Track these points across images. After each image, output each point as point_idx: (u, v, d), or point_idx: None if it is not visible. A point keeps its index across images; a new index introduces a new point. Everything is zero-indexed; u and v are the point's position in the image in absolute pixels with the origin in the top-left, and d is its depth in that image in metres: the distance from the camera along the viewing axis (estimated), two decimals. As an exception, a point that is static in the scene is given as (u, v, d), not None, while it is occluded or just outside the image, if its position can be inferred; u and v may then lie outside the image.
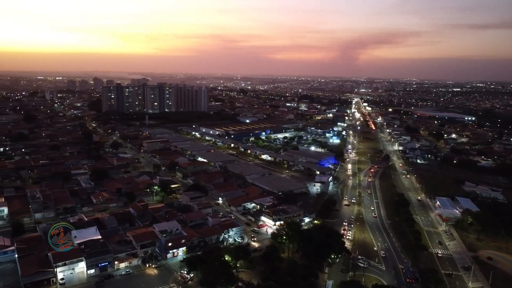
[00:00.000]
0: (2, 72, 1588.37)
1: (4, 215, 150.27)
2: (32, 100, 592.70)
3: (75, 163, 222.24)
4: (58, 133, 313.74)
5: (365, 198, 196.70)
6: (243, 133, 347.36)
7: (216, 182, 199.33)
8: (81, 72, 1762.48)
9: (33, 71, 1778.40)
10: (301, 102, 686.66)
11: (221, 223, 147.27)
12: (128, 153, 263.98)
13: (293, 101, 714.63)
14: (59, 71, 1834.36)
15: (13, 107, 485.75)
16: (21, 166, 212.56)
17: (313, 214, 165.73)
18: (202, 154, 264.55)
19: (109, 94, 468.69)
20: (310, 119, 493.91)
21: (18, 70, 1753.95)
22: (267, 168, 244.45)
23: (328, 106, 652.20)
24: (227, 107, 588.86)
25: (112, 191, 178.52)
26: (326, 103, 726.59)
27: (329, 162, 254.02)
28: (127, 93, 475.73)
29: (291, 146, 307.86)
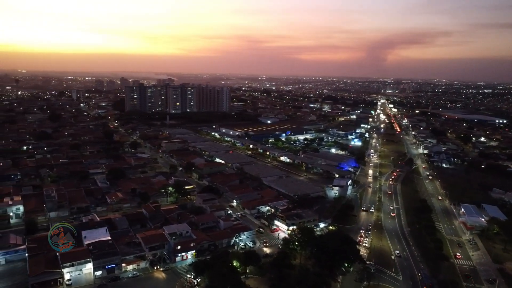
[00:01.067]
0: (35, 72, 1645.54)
1: (20, 213, 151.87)
2: (60, 99, 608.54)
3: (93, 163, 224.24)
4: (80, 132, 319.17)
5: (385, 204, 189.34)
6: (262, 134, 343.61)
7: (231, 184, 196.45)
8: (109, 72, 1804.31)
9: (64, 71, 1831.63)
10: (324, 103, 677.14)
11: (233, 227, 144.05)
12: (147, 153, 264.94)
13: (317, 102, 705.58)
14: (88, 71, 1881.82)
15: (41, 106, 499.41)
16: (41, 165, 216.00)
17: (329, 219, 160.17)
18: (220, 155, 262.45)
19: (132, 94, 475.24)
20: (333, 121, 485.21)
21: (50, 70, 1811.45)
22: (285, 170, 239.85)
23: (352, 107, 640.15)
24: (249, 108, 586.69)
25: (127, 191, 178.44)
26: (351, 104, 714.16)
27: (349, 165, 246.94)
28: (150, 93, 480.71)
29: (311, 148, 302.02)
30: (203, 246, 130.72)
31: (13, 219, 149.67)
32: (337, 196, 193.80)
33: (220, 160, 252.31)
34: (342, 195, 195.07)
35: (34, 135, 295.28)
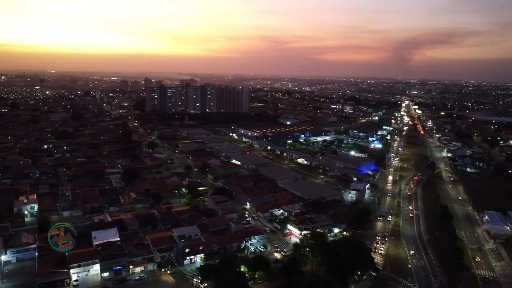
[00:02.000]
0: (64, 72, 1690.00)
1: (35, 212, 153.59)
2: (84, 99, 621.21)
3: (110, 162, 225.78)
4: (100, 131, 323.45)
5: (404, 209, 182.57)
6: (281, 135, 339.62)
7: (245, 186, 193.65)
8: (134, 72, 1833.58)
9: (91, 71, 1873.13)
10: (346, 104, 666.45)
11: (244, 230, 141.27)
12: (164, 153, 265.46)
13: (339, 103, 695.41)
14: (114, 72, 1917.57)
15: (65, 105, 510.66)
16: (59, 164, 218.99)
17: (344, 225, 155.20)
18: (236, 156, 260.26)
19: (152, 94, 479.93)
20: (354, 122, 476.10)
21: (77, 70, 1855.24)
22: (302, 172, 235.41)
23: (375, 109, 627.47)
24: (269, 108, 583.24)
25: (141, 192, 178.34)
26: (374, 105, 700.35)
27: (369, 168, 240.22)
28: (170, 93, 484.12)
29: (329, 150, 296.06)
30: (212, 249, 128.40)
31: (28, 218, 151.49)
32: (354, 201, 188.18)
33: (236, 161, 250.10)
34: (359, 199, 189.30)
35: (55, 134, 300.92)
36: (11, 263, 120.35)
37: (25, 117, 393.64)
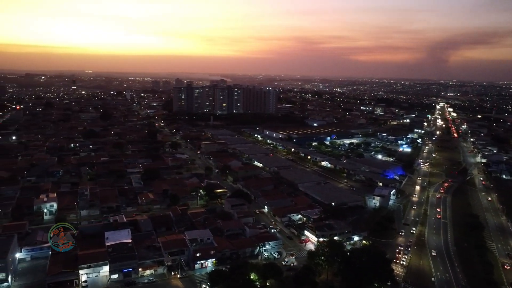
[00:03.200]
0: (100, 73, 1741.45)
1: (53, 210, 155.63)
2: (115, 99, 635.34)
3: (132, 162, 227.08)
4: (127, 131, 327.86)
5: (431, 217, 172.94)
6: (306, 137, 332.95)
7: (265, 189, 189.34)
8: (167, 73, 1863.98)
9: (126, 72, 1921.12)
10: (377, 105, 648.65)
11: (259, 235, 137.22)
12: (187, 153, 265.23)
13: (369, 105, 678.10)
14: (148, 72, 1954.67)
15: (96, 105, 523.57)
16: (83, 163, 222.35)
17: (364, 232, 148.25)
18: (258, 158, 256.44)
19: (179, 94, 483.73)
20: (384, 124, 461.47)
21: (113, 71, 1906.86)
22: (324, 176, 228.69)
23: (407, 111, 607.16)
24: (297, 110, 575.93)
25: (159, 192, 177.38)
26: (406, 107, 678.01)
27: (395, 173, 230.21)
28: (197, 94, 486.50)
29: (355, 153, 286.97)
30: (224, 254, 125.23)
31: (47, 216, 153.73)
32: (378, 207, 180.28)
33: (259, 163, 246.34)
34: (383, 205, 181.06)
35: (83, 133, 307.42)
36: (26, 261, 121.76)
37: (57, 116, 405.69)
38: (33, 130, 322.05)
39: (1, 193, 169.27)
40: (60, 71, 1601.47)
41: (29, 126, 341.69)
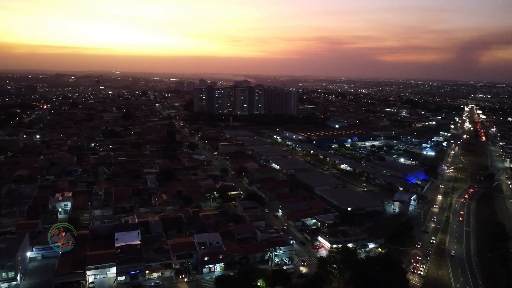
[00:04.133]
0: (127, 73, 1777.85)
1: (68, 209, 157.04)
2: (139, 99, 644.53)
3: (149, 162, 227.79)
4: (147, 131, 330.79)
5: (453, 225, 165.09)
6: (326, 139, 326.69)
7: (280, 192, 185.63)
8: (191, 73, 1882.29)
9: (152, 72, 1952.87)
10: (402, 107, 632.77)
11: (270, 240, 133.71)
12: (204, 154, 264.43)
13: (394, 106, 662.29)
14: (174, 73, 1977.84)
15: (120, 105, 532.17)
16: (101, 162, 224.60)
17: (381, 239, 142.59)
18: (276, 160, 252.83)
19: (200, 95, 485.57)
20: (409, 127, 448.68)
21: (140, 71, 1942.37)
22: (343, 179, 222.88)
23: (433, 113, 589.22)
24: (319, 111, 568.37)
25: (173, 193, 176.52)
26: (433, 109, 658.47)
27: (417, 178, 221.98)
28: (218, 94, 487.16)
29: (377, 156, 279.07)
30: (234, 258, 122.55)
31: (62, 215, 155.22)
32: (397, 213, 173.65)
33: (276, 165, 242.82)
34: (403, 211, 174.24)
35: (104, 132, 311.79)
36: (37, 260, 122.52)
37: (81, 115, 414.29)
38: (56, 130, 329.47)
39: (19, 191, 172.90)
40: (88, 71, 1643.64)
41: (54, 125, 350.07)
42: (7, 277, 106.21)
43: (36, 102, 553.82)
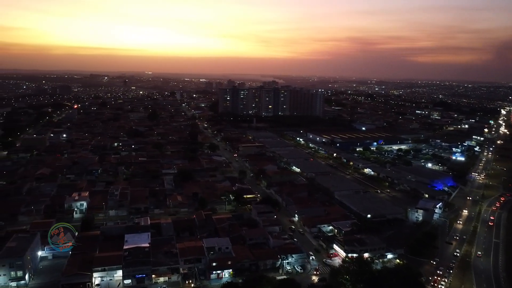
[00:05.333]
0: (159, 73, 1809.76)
1: (84, 209, 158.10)
2: (166, 99, 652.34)
3: (168, 162, 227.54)
4: (170, 131, 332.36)
5: (481, 236, 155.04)
6: (350, 142, 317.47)
7: (297, 196, 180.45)
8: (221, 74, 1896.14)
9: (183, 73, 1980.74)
10: (434, 109, 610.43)
11: (283, 246, 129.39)
12: (225, 155, 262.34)
13: (426, 108, 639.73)
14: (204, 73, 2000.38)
15: (147, 105, 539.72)
16: (121, 162, 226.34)
17: (400, 249, 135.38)
18: (297, 163, 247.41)
19: (225, 96, 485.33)
20: (439, 130, 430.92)
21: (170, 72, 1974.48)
22: (366, 184, 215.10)
23: (467, 116, 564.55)
24: (346, 113, 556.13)
25: (188, 195, 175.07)
26: (466, 111, 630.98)
27: (445, 184, 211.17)
28: (242, 95, 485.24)
29: (403, 160, 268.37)
30: (243, 265, 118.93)
31: (77, 214, 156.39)
32: (420, 221, 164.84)
33: (296, 168, 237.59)
34: (427, 220, 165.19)
35: (128, 132, 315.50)
36: (48, 259, 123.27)
37: (108, 115, 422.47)
38: (83, 129, 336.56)
39: (40, 190, 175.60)
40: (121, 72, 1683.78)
41: (81, 125, 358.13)
42: (16, 276, 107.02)
43: (68, 101, 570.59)
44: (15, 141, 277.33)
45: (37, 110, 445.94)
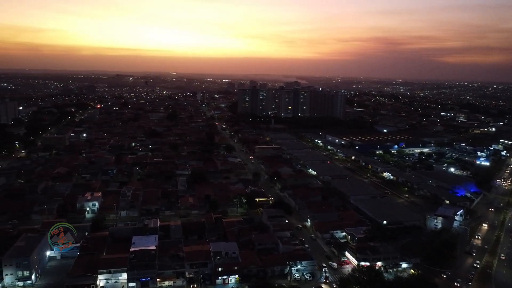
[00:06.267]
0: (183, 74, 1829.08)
1: (95, 209, 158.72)
2: (187, 99, 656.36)
3: (183, 163, 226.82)
4: (187, 132, 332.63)
5: (504, 246, 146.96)
6: (370, 145, 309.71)
7: (311, 200, 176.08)
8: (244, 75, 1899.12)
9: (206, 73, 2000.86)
10: (460, 111, 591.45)
11: (292, 252, 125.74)
12: (241, 157, 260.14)
13: (451, 110, 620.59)
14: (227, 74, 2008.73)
15: (167, 105, 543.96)
16: (137, 162, 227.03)
17: (416, 259, 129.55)
18: (314, 165, 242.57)
19: (244, 96, 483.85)
20: (465, 133, 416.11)
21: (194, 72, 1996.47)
22: (384, 189, 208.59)
23: (495, 118, 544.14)
24: (368, 114, 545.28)
25: (201, 197, 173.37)
26: (494, 114, 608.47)
27: (467, 190, 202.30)
28: (262, 96, 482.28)
29: (424, 164, 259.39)
30: (251, 271, 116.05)
31: (89, 214, 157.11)
32: (439, 229, 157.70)
33: (313, 171, 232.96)
34: (446, 227, 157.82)
35: (146, 133, 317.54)
36: (56, 259, 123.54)
37: (128, 115, 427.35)
38: (103, 129, 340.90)
39: (55, 189, 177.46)
40: (146, 72, 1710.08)
41: (101, 125, 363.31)
42: (22, 275, 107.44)
43: (92, 101, 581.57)
44: (37, 140, 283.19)
45: (61, 109, 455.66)
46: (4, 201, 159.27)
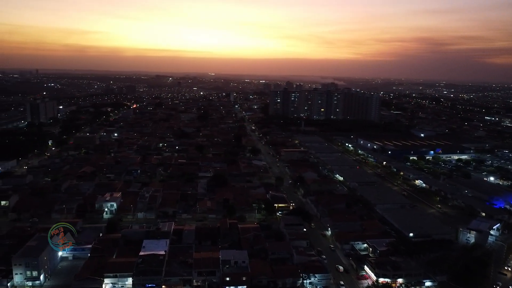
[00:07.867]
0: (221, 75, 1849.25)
1: (113, 210, 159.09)
2: (221, 100, 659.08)
3: (206, 165, 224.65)
4: (216, 133, 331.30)
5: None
6: (404, 150, 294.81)
7: (334, 207, 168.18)
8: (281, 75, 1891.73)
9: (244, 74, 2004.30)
10: (506, 115, 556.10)
11: (307, 263, 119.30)
12: (267, 160, 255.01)
13: (497, 114, 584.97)
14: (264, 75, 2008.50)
15: (200, 106, 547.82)
16: (161, 163, 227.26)
17: (443, 276, 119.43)
18: (342, 171, 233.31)
19: (275, 98, 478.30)
20: (509, 139, 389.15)
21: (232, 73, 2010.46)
22: (414, 198, 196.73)
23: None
24: (406, 117, 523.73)
25: (219, 201, 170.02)
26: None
27: (507, 202, 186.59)
28: (293, 97, 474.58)
29: (462, 172, 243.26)
30: (260, 281, 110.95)
31: (107, 215, 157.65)
32: (471, 244, 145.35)
33: (340, 176, 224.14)
34: (479, 243, 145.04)
35: (175, 133, 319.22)
36: (68, 259, 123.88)
37: (161, 115, 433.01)
38: (134, 129, 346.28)
39: (77, 188, 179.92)
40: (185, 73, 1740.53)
41: (133, 124, 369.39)
42: (31, 275, 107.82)
43: (128, 101, 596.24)
44: (69, 139, 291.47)
45: (98, 109, 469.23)
46: (28, 199, 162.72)
